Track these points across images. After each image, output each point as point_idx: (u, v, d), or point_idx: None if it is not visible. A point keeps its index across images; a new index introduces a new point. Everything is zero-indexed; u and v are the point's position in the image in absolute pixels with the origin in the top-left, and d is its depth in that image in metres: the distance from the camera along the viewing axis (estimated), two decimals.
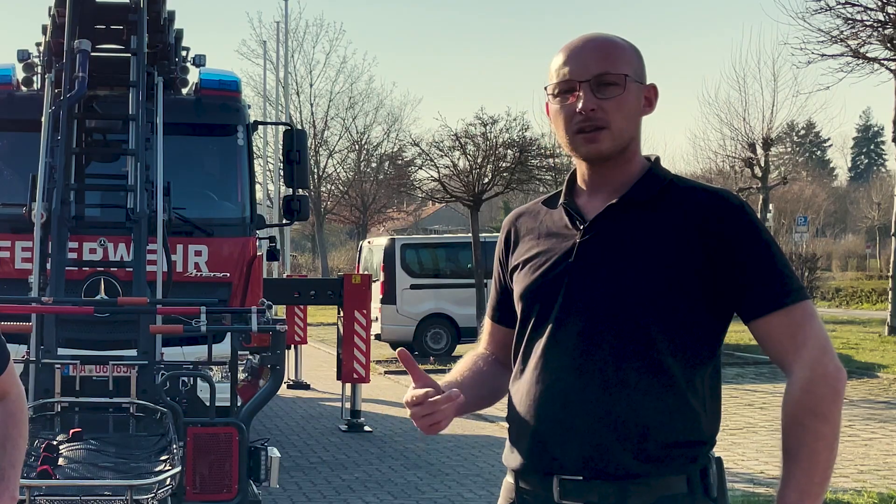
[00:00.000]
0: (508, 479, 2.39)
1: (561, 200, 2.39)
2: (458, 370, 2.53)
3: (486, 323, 2.61)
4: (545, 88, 2.36)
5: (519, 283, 2.40)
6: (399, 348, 2.44)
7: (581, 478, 2.23)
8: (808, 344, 2.18)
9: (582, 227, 2.32)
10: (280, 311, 13.20)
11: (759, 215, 2.47)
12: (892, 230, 20.59)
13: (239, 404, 6.68)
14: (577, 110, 2.27)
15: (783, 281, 2.22)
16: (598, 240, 2.29)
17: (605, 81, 2.27)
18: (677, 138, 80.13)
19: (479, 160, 18.73)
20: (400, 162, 31.86)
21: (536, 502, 2.31)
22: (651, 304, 2.22)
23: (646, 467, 2.20)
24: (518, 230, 2.46)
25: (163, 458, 5.73)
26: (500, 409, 2.45)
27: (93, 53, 7.98)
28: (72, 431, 6.03)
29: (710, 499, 2.25)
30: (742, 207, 2.26)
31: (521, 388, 2.34)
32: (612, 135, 2.28)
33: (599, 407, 2.22)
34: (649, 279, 2.22)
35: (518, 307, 2.40)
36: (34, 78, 9.65)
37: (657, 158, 2.39)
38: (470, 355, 2.61)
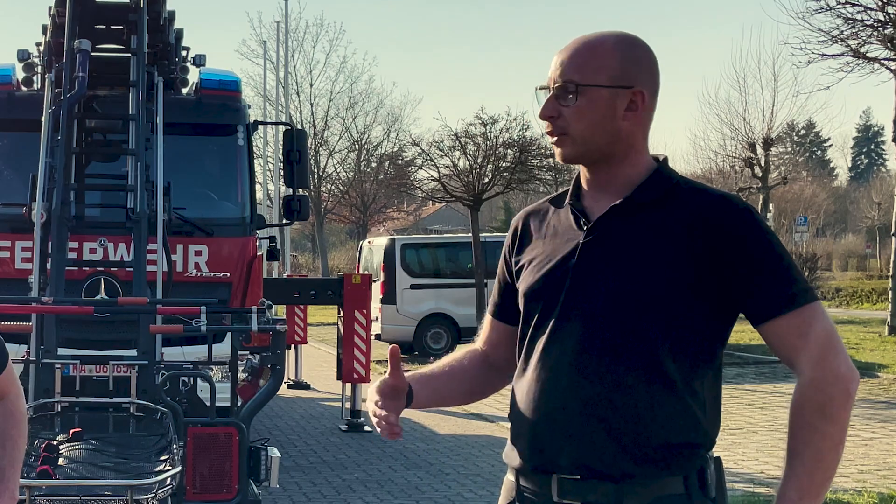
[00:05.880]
0: (509, 477, 2.40)
1: (567, 200, 2.40)
2: (440, 361, 2.59)
3: (486, 318, 2.62)
4: None
5: (523, 283, 2.40)
6: (392, 345, 2.42)
7: (578, 477, 2.24)
8: (818, 344, 2.16)
9: (585, 228, 2.32)
10: (280, 311, 13.19)
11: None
12: (893, 230, 20.59)
13: (239, 404, 6.68)
14: (539, 115, 2.34)
15: (790, 283, 2.20)
16: (601, 241, 2.29)
17: (564, 89, 2.29)
18: (677, 138, 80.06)
19: (479, 160, 18.73)
20: (400, 162, 31.86)
21: (536, 500, 2.31)
22: (650, 307, 2.21)
23: (642, 468, 2.21)
24: (526, 229, 2.47)
25: (163, 458, 5.73)
26: (499, 409, 2.46)
27: (93, 53, 7.98)
28: (72, 431, 6.03)
29: (708, 499, 2.24)
30: (748, 210, 2.24)
31: (523, 386, 2.35)
32: (573, 141, 2.31)
33: (596, 408, 2.23)
34: (649, 281, 2.22)
35: (522, 306, 2.41)
36: (34, 78, 9.66)
37: (665, 159, 2.37)
38: (461, 350, 2.63)
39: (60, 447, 5.74)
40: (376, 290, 17.27)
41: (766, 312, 2.20)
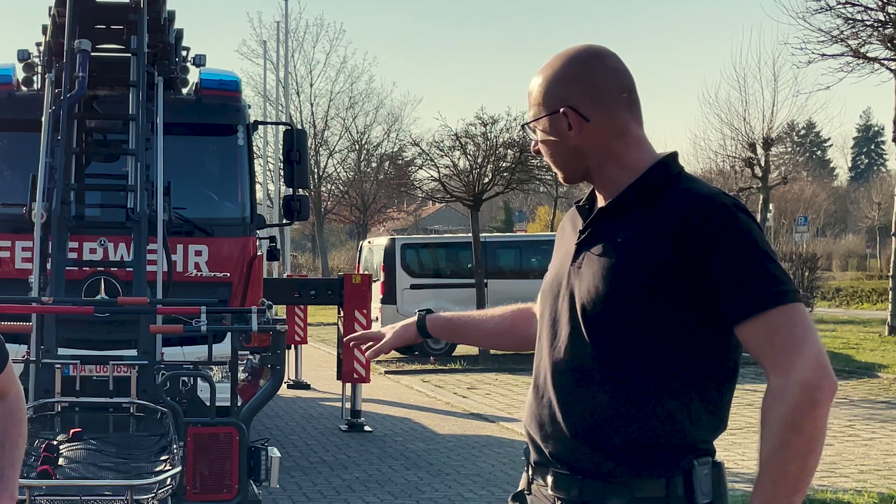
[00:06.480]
0: (526, 468, 2.46)
1: (581, 202, 2.44)
2: (475, 312, 2.93)
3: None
4: None
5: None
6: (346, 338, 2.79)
7: (568, 472, 2.28)
8: (788, 349, 2.07)
9: (579, 231, 2.37)
10: (280, 310, 13.18)
11: (758, 215, 2.42)
12: (893, 230, 20.60)
13: (239, 404, 6.68)
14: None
15: (765, 283, 2.11)
16: (588, 243, 2.33)
17: (526, 129, 2.44)
18: (677, 138, 79.99)
19: (480, 160, 18.69)
20: (400, 162, 31.88)
21: (538, 491, 2.38)
22: (626, 308, 2.20)
23: (620, 467, 2.21)
24: (563, 229, 2.52)
25: (163, 458, 5.73)
26: (499, 409, 2.49)
27: (93, 53, 7.98)
28: (72, 431, 6.03)
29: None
30: (726, 206, 2.16)
31: (531, 382, 2.43)
32: (555, 169, 2.43)
33: (577, 406, 2.26)
34: (624, 283, 2.21)
35: None
36: (34, 78, 9.66)
37: (670, 156, 2.33)
38: (514, 305, 2.80)
39: (60, 447, 5.73)
40: (376, 290, 17.27)
41: (737, 315, 2.13)
